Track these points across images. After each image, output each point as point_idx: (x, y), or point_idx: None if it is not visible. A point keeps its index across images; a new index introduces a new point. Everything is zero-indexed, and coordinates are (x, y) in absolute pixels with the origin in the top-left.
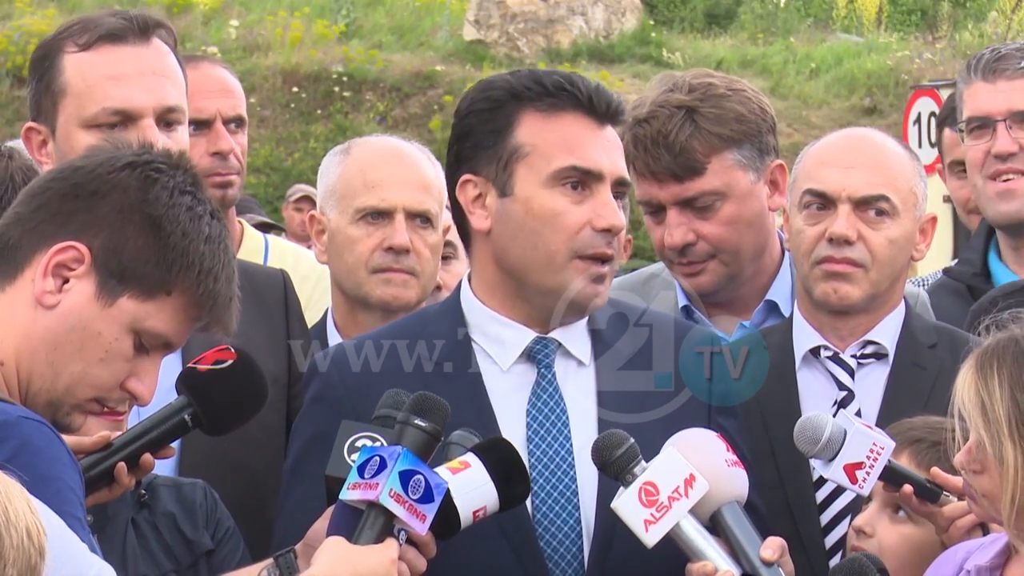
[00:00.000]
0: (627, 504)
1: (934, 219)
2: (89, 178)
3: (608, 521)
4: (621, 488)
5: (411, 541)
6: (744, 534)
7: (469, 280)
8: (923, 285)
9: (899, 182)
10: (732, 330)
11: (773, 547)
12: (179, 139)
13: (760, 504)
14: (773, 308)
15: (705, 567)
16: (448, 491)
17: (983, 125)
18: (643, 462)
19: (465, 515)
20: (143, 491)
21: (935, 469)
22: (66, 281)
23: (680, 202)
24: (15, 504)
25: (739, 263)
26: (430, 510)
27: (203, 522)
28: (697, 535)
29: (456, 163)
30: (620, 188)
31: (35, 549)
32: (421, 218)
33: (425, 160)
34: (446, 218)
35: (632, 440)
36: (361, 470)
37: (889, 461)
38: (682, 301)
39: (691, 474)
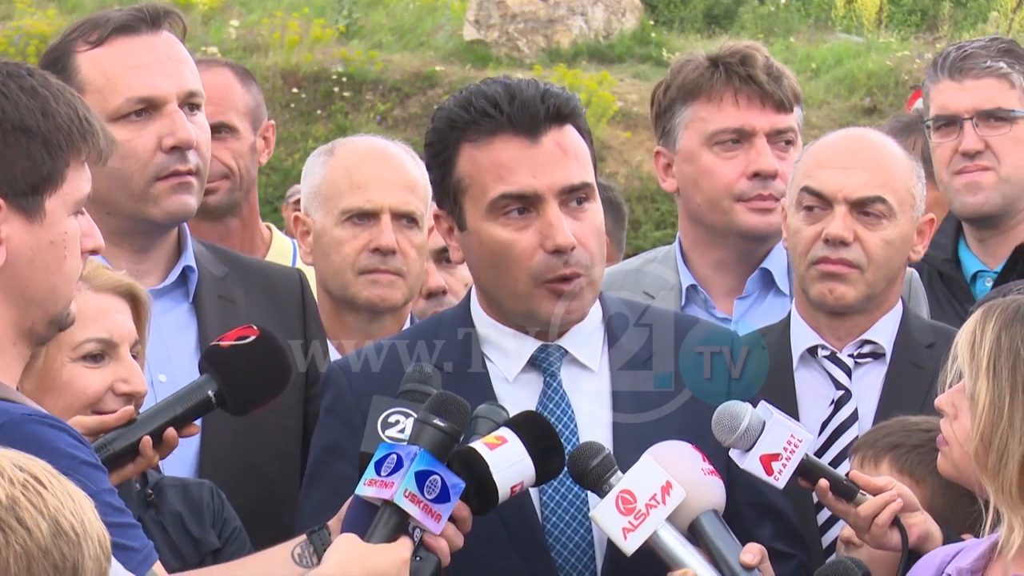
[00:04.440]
0: (605, 513)
1: (931, 220)
2: None
3: None
4: (597, 498)
5: (449, 518)
6: (723, 541)
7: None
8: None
9: (896, 183)
10: (731, 306)
11: (753, 552)
12: (200, 123)
13: (784, 506)
14: (769, 280)
15: (685, 574)
16: (487, 466)
17: (949, 123)
18: (619, 472)
19: (503, 490)
20: (150, 491)
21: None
22: None
23: (773, 133)
24: (88, 514)
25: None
26: (445, 510)
27: (210, 521)
28: (676, 543)
29: (433, 193)
30: (575, 194)
31: (104, 557)
32: (407, 218)
33: (410, 160)
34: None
35: (608, 450)
36: (378, 467)
37: (806, 455)
38: (687, 281)
39: (667, 482)
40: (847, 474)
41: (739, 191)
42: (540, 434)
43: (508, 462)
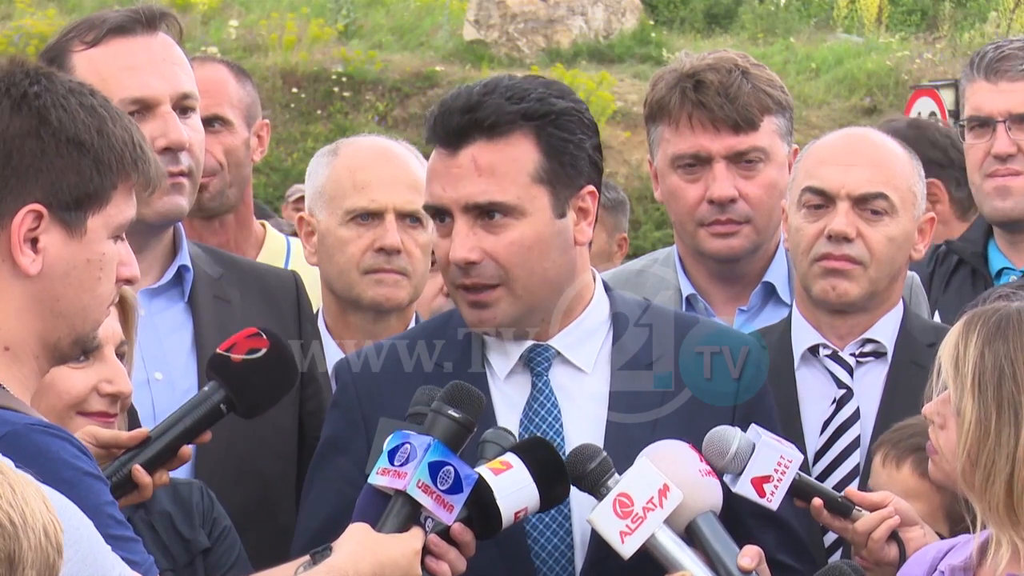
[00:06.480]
0: (602, 516)
1: (933, 219)
2: None
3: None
4: (595, 500)
5: (452, 541)
6: (720, 543)
7: None
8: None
9: (898, 181)
10: (732, 315)
11: (751, 555)
12: (194, 125)
13: (790, 516)
14: (771, 291)
15: None
16: (491, 491)
17: (983, 124)
18: (616, 474)
19: (507, 516)
20: None
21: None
22: (36, 241)
23: (731, 156)
24: (31, 504)
25: (766, 232)
26: (458, 500)
27: (199, 521)
28: (673, 545)
29: None
30: (483, 211)
31: (53, 548)
32: (411, 218)
33: (413, 160)
34: None
35: (605, 453)
36: (391, 456)
37: (798, 474)
38: (687, 289)
39: (665, 484)
40: (844, 492)
41: (700, 216)
42: (545, 461)
43: (512, 488)
